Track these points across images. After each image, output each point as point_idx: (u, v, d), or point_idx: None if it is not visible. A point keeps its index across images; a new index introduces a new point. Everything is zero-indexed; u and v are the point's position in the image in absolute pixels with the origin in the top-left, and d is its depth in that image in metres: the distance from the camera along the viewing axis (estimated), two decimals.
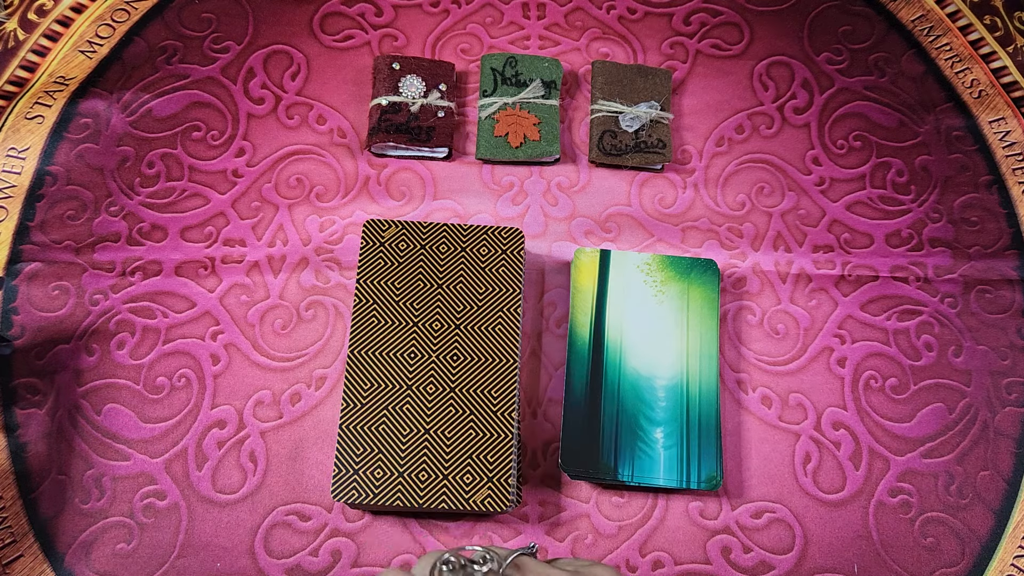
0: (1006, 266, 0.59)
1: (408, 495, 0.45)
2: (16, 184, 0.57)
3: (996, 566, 0.51)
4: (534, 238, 0.58)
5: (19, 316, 0.53)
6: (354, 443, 0.46)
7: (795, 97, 0.63)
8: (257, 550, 0.49)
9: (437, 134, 0.58)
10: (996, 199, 0.61)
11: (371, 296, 0.50)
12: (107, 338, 0.53)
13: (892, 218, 0.60)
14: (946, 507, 0.52)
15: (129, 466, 0.51)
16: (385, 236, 0.52)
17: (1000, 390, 0.55)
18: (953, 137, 0.62)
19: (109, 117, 0.59)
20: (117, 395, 0.52)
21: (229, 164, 0.58)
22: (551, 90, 0.60)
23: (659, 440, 0.50)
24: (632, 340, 0.53)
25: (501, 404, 0.48)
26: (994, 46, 0.66)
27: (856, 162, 0.61)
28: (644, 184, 0.60)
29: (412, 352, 0.49)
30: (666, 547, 0.50)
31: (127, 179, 0.58)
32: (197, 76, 0.61)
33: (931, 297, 0.58)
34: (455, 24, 0.64)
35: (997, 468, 0.53)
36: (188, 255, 0.56)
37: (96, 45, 0.61)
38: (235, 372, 0.53)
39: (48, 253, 0.55)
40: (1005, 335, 0.57)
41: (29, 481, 0.50)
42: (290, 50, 0.62)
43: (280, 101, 0.60)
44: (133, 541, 0.49)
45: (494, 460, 0.46)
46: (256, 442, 0.52)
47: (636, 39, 0.64)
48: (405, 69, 0.59)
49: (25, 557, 0.49)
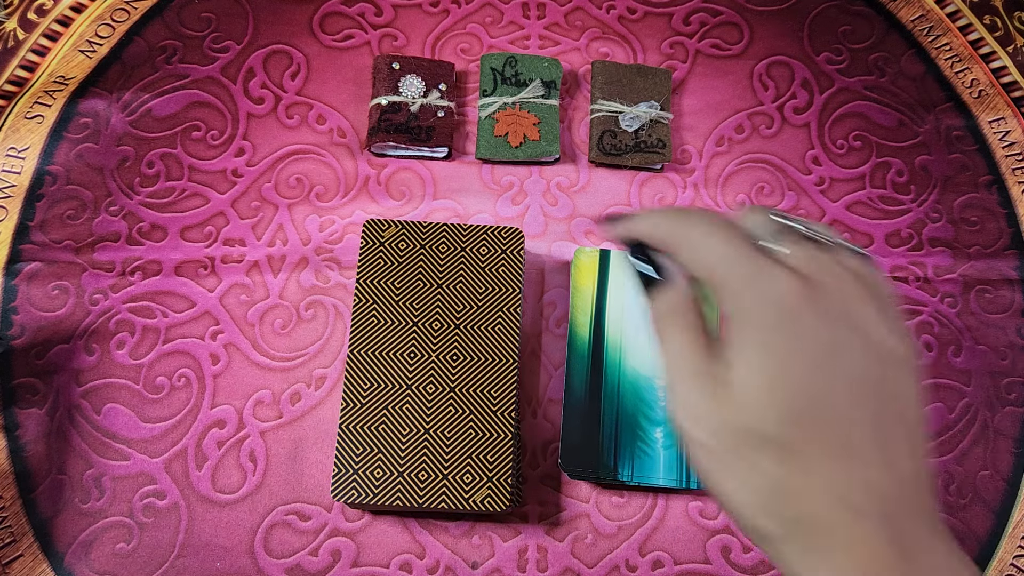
0: (1006, 266, 0.59)
1: (408, 495, 0.45)
2: (16, 184, 0.57)
3: (996, 566, 0.51)
4: (534, 238, 0.58)
5: (19, 316, 0.53)
6: (354, 443, 0.46)
7: (795, 97, 0.63)
8: (257, 550, 0.49)
9: (437, 134, 0.58)
10: (996, 199, 0.61)
11: (371, 296, 0.50)
12: (107, 338, 0.53)
13: (892, 218, 0.60)
14: (946, 507, 0.52)
15: (129, 466, 0.51)
16: (385, 236, 0.52)
17: (1000, 390, 0.55)
18: (953, 137, 0.62)
19: (109, 117, 0.59)
20: (117, 395, 0.52)
21: (229, 164, 0.58)
22: (551, 90, 0.60)
23: (659, 440, 0.50)
24: (632, 340, 0.53)
25: (501, 404, 0.48)
26: (994, 46, 0.66)
27: (856, 162, 0.61)
28: (644, 184, 0.60)
29: (412, 352, 0.49)
30: (666, 547, 0.50)
31: (127, 179, 0.58)
32: (197, 76, 0.61)
33: (931, 297, 0.58)
34: (455, 24, 0.64)
35: (997, 468, 0.53)
36: (188, 255, 0.56)
37: (96, 45, 0.61)
38: (235, 372, 0.53)
39: (48, 253, 0.55)
40: (1005, 335, 0.57)
41: (29, 481, 0.50)
42: (290, 50, 0.62)
43: (280, 101, 0.60)
44: (133, 541, 0.49)
45: (494, 460, 0.46)
46: (256, 442, 0.52)
47: (636, 39, 0.64)
48: (405, 69, 0.59)
49: (25, 557, 0.49)
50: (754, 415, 0.24)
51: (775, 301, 0.25)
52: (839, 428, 0.24)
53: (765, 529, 0.24)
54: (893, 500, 0.23)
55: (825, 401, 0.24)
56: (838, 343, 0.24)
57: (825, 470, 0.23)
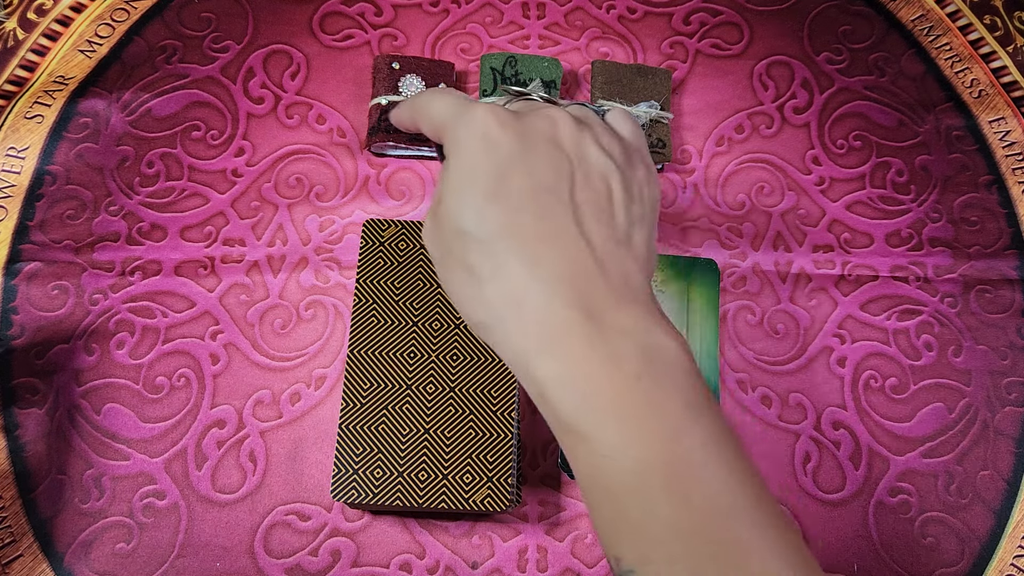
0: (1006, 266, 0.59)
1: (408, 495, 0.45)
2: (15, 184, 0.57)
3: (996, 566, 0.51)
4: None
5: (18, 316, 0.53)
6: (354, 443, 0.46)
7: (795, 97, 0.63)
8: (257, 550, 0.49)
9: None
10: (996, 199, 0.61)
11: (371, 296, 0.50)
12: (107, 338, 0.53)
13: (892, 218, 0.60)
14: (946, 507, 0.52)
15: (129, 466, 0.51)
16: (385, 236, 0.52)
17: (1000, 390, 0.55)
18: (953, 137, 0.62)
19: (109, 117, 0.59)
20: (117, 395, 0.52)
21: (229, 164, 0.58)
22: (551, 90, 0.60)
23: None
24: None
25: (501, 404, 0.48)
26: (994, 46, 0.66)
27: (856, 162, 0.61)
28: None
29: (412, 352, 0.49)
30: None
31: (127, 179, 0.58)
32: (197, 76, 0.61)
33: (931, 297, 0.58)
34: (455, 24, 0.64)
35: (997, 468, 0.53)
36: (188, 255, 0.56)
37: (96, 45, 0.61)
38: (235, 372, 0.53)
39: (48, 253, 0.55)
40: (1005, 335, 0.57)
41: (28, 481, 0.50)
42: (290, 50, 0.62)
43: (280, 101, 0.60)
44: (133, 541, 0.49)
45: (494, 460, 0.46)
46: (256, 442, 0.52)
47: (636, 39, 0.64)
48: (405, 69, 0.59)
49: (24, 557, 0.49)
50: (452, 214, 0.28)
51: (477, 126, 0.28)
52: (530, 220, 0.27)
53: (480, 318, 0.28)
54: (582, 279, 0.27)
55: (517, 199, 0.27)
56: (531, 155, 0.28)
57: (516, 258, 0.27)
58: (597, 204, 0.28)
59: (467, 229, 0.27)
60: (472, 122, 0.29)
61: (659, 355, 0.26)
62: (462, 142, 0.29)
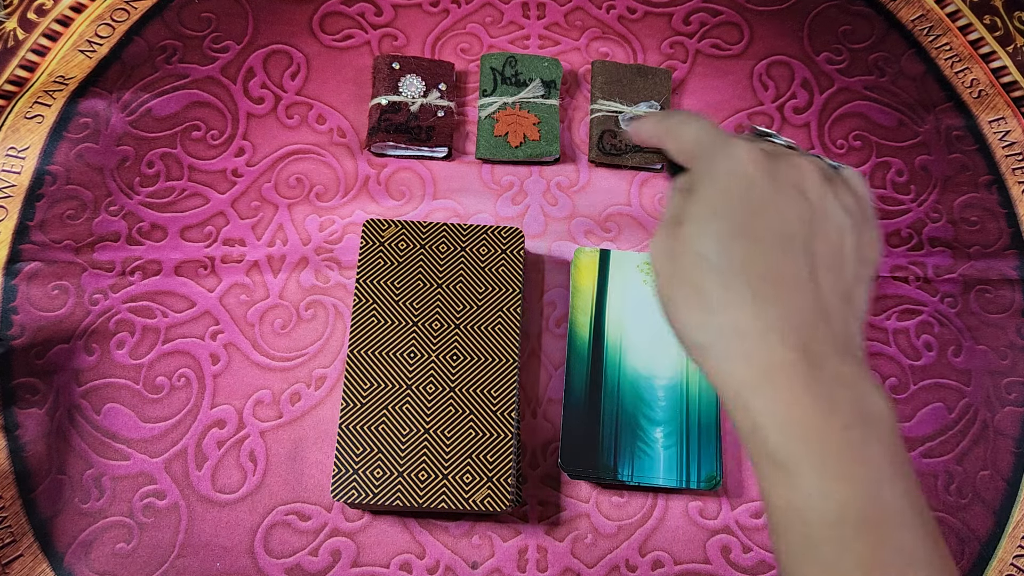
0: (1006, 266, 0.59)
1: (408, 495, 0.45)
2: (16, 184, 0.57)
3: (996, 566, 0.51)
4: (534, 238, 0.58)
5: (19, 316, 0.53)
6: (354, 443, 0.46)
7: (795, 97, 0.63)
8: (257, 550, 0.49)
9: (437, 134, 0.58)
10: (996, 199, 0.61)
11: (371, 296, 0.50)
12: (107, 338, 0.53)
13: (892, 218, 0.60)
14: (946, 507, 0.52)
15: (129, 466, 0.51)
16: (385, 236, 0.52)
17: (1000, 390, 0.55)
18: (953, 137, 0.62)
19: (109, 117, 0.59)
20: (117, 395, 0.52)
21: (229, 164, 0.58)
22: (551, 90, 0.60)
23: (659, 440, 0.50)
24: (632, 340, 0.53)
25: (501, 404, 0.48)
26: (994, 46, 0.66)
27: (856, 162, 0.61)
28: (644, 184, 0.60)
29: (412, 352, 0.49)
30: (666, 547, 0.50)
31: (127, 179, 0.58)
32: (197, 76, 0.61)
33: (931, 297, 0.58)
34: (455, 24, 0.64)
35: (997, 468, 0.53)
36: (188, 255, 0.56)
37: (96, 45, 0.61)
38: (235, 372, 0.53)
39: (48, 253, 0.55)
40: (1005, 335, 0.57)
41: (29, 481, 0.50)
42: (290, 50, 0.62)
43: (280, 101, 0.60)
44: (133, 541, 0.49)
45: (494, 460, 0.46)
46: (256, 442, 0.52)
47: (636, 39, 0.64)
48: (405, 69, 0.59)
49: (24, 557, 0.49)
50: (696, 239, 0.29)
51: (734, 162, 0.29)
52: (770, 261, 0.28)
53: (701, 341, 0.29)
54: (809, 325, 0.28)
55: (762, 239, 0.28)
56: (780, 199, 0.29)
57: (751, 293, 0.28)
58: (831, 257, 0.29)
59: (709, 257, 0.28)
60: (733, 158, 0.29)
61: (870, 410, 0.28)
62: (720, 175, 0.30)
